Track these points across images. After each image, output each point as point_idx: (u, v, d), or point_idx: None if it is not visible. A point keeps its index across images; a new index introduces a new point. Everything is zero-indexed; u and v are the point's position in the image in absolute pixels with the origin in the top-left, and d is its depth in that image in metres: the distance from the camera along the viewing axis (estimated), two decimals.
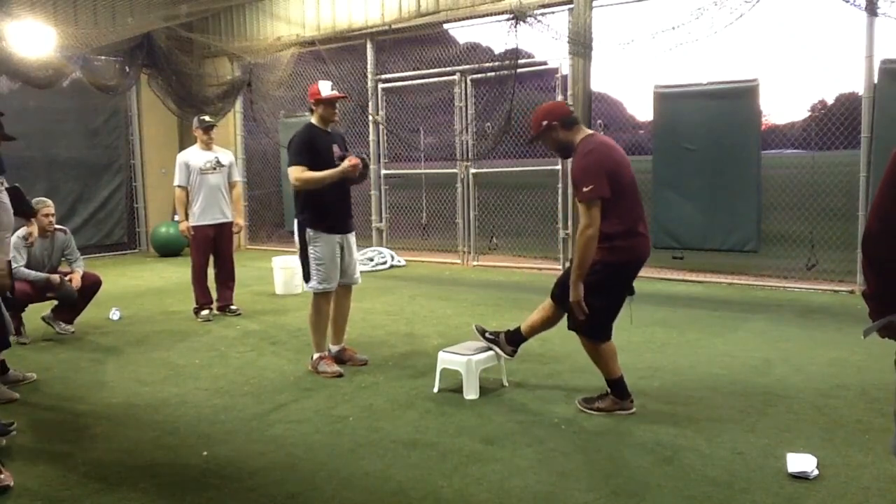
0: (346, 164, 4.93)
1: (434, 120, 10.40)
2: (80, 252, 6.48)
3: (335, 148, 5.11)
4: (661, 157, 8.18)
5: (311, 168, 4.97)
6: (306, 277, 5.11)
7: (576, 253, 3.96)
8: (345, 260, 5.15)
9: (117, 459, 3.72)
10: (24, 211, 5.16)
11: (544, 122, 4.13)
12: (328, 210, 5.04)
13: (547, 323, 4.48)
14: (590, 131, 4.20)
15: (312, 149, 4.99)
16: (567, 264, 4.46)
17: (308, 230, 5.03)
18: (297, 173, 4.96)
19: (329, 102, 5.10)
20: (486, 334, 4.69)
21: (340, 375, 4.98)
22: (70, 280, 6.11)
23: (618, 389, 4.21)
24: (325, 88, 5.11)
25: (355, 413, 4.30)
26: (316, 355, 5.12)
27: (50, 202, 6.19)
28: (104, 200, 11.82)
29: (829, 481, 3.25)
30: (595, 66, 8.55)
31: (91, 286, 6.31)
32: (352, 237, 5.24)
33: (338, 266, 5.08)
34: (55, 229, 6.23)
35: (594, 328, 4.11)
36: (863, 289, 2.29)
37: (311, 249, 5.03)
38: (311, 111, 5.16)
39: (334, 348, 5.31)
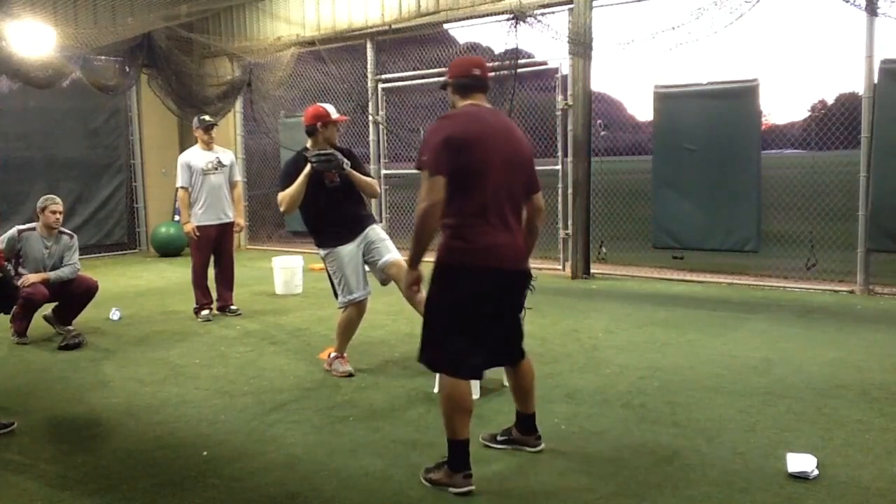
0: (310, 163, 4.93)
1: (434, 120, 10.38)
2: (81, 252, 6.43)
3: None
4: (661, 157, 8.18)
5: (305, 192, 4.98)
6: (335, 294, 5.12)
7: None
8: (373, 247, 5.06)
9: (117, 459, 3.72)
10: None
11: (447, 76, 3.44)
12: (329, 225, 5.05)
13: (516, 387, 3.60)
14: (482, 104, 3.36)
15: (298, 172, 4.96)
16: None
17: (320, 251, 5.10)
18: (279, 199, 5.06)
19: (330, 124, 5.06)
20: (497, 438, 3.69)
21: (351, 375, 4.99)
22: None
23: (454, 456, 3.20)
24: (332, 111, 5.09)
25: (355, 413, 4.30)
26: (334, 354, 5.15)
27: (58, 200, 6.17)
28: (104, 200, 11.80)
29: (829, 481, 3.25)
30: (595, 66, 8.56)
31: (86, 292, 6.25)
32: (370, 231, 5.12)
33: (357, 271, 5.04)
34: (62, 231, 6.20)
35: (425, 346, 3.28)
36: None
37: (328, 267, 5.09)
38: (311, 134, 5.06)
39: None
